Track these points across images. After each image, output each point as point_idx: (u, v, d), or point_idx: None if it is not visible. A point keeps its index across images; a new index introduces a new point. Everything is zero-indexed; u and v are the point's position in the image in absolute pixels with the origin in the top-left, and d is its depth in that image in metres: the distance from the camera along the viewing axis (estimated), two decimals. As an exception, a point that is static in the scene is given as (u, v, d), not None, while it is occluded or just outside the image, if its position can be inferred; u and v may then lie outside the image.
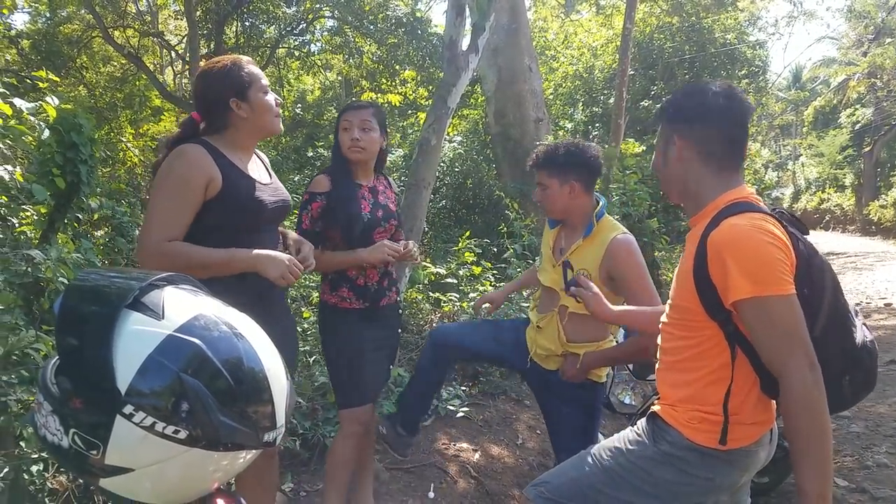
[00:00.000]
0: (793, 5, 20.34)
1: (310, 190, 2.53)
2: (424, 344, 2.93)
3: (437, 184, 8.80)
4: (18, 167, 3.63)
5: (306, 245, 2.22)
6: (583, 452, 1.91)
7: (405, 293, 4.87)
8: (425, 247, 7.74)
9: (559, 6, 18.37)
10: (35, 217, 3.86)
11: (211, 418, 0.89)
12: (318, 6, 12.20)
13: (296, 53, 14.00)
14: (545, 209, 2.55)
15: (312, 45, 13.96)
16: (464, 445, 3.68)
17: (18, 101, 3.19)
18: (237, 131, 2.03)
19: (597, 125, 12.74)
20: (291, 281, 1.92)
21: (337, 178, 2.54)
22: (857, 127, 25.04)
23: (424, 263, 5.83)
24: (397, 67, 12.65)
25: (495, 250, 6.91)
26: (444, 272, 5.88)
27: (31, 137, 3.43)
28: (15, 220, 3.78)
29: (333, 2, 11.83)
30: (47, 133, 3.42)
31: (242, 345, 0.95)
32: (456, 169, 9.17)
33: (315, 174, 2.65)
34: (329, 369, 2.69)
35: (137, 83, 13.55)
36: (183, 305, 0.95)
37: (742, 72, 14.99)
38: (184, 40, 14.00)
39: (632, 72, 12.49)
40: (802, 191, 32.58)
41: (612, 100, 10.42)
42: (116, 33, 12.98)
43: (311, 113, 13.93)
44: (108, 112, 12.99)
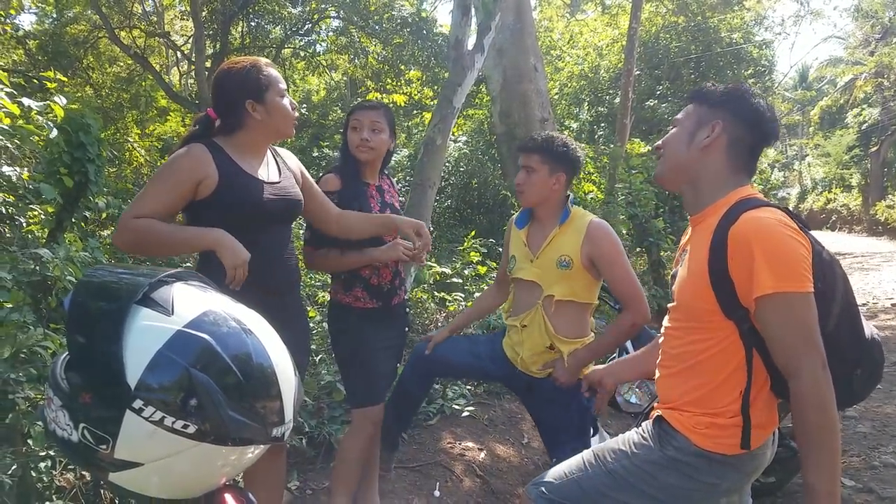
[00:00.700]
0: (799, 4, 20.34)
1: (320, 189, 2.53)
2: (407, 361, 2.92)
3: (443, 184, 8.81)
4: (26, 167, 3.66)
5: (423, 227, 2.36)
6: (585, 453, 1.89)
7: (410, 293, 4.88)
8: (431, 246, 7.74)
9: (564, 6, 18.37)
10: (43, 216, 3.88)
11: (220, 413, 0.89)
12: (324, 6, 12.24)
13: (301, 54, 14.03)
14: (523, 193, 2.54)
15: (318, 46, 14.01)
16: (469, 444, 3.68)
17: (27, 101, 3.21)
18: (249, 132, 2.04)
19: (602, 125, 12.74)
20: (236, 280, 1.86)
21: (347, 177, 2.55)
22: (864, 127, 24.95)
23: (429, 263, 5.84)
24: (402, 67, 12.67)
25: (500, 250, 6.89)
26: (450, 272, 5.88)
27: (39, 137, 3.45)
28: (23, 220, 3.80)
29: (339, 2, 11.86)
30: (55, 133, 3.44)
31: (251, 340, 0.95)
32: (461, 169, 9.18)
33: (320, 174, 2.64)
34: (341, 369, 2.69)
35: (143, 83, 13.61)
36: (192, 301, 0.96)
37: (748, 71, 14.97)
38: (190, 41, 14.07)
39: (637, 71, 12.48)
40: (809, 191, 32.46)
41: (618, 99, 10.42)
42: (123, 34, 13.03)
43: (317, 113, 13.96)
44: (115, 112, 13.05)
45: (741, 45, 14.73)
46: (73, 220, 4.02)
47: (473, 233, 6.63)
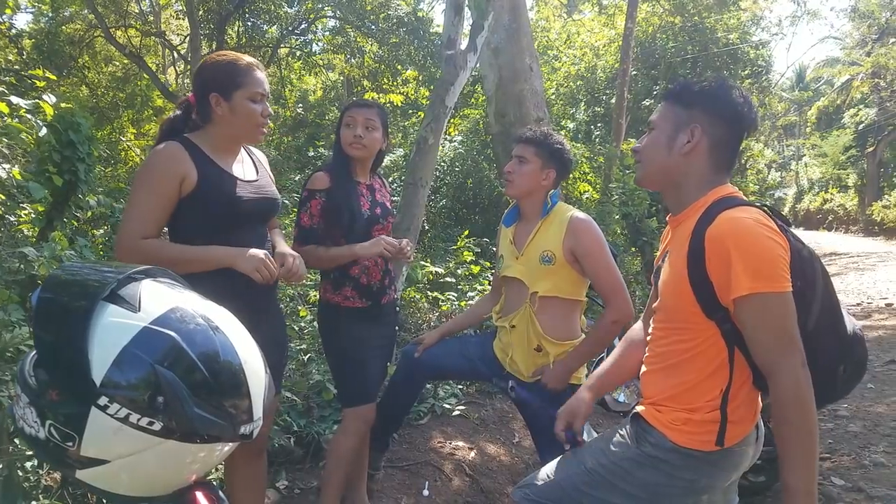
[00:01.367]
0: (796, 5, 20.40)
1: (308, 187, 2.51)
2: (398, 363, 2.92)
3: (438, 183, 8.80)
4: (16, 166, 3.65)
5: (289, 258, 2.09)
6: (567, 453, 1.89)
7: (403, 292, 4.88)
8: (425, 246, 7.74)
9: (561, 6, 18.37)
10: (33, 215, 3.88)
11: (186, 410, 0.89)
12: (320, 6, 12.23)
13: (297, 53, 14.03)
14: (512, 183, 2.54)
15: (314, 45, 14.01)
16: (459, 444, 3.68)
17: (15, 99, 3.20)
18: (217, 128, 2.02)
19: (598, 125, 12.75)
20: (267, 276, 1.89)
21: (337, 175, 2.52)
22: (861, 127, 25.00)
23: (422, 262, 5.84)
24: (399, 67, 12.67)
25: (494, 249, 6.89)
26: (443, 271, 5.88)
27: (29, 136, 3.45)
28: (13, 218, 3.80)
29: (335, 1, 11.86)
30: (44, 131, 3.43)
31: (219, 338, 0.95)
32: (456, 168, 9.16)
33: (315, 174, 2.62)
34: (332, 368, 2.68)
35: (139, 83, 13.60)
36: (160, 298, 0.96)
37: (745, 72, 14.97)
38: (186, 40, 14.05)
39: (634, 72, 12.49)
40: (805, 191, 32.55)
41: (614, 100, 10.41)
42: (118, 33, 13.03)
43: (313, 113, 13.95)
44: (110, 112, 13.05)
45: (738, 46, 14.73)
46: (64, 220, 4.01)
47: (467, 232, 6.63)
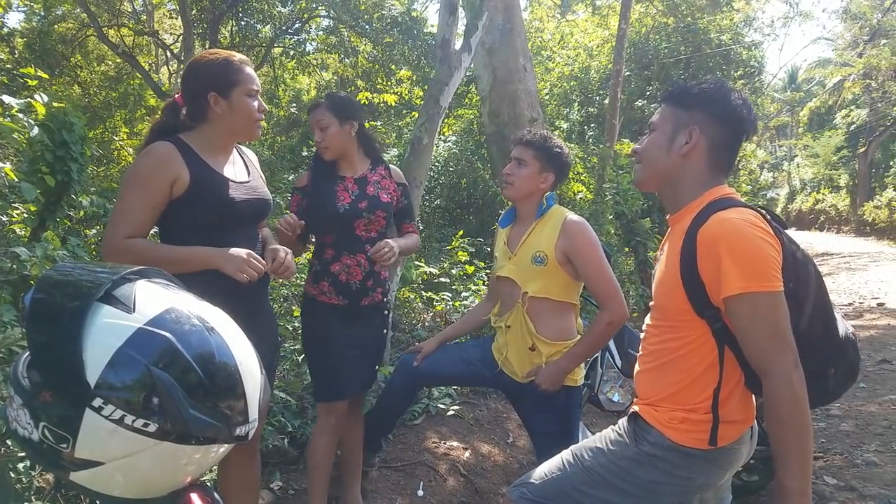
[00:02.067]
0: (788, 6, 20.39)
1: (293, 186, 2.62)
2: (394, 370, 2.92)
3: (432, 183, 8.80)
4: (8, 165, 3.62)
5: (280, 252, 2.06)
6: (564, 452, 1.90)
7: (397, 292, 4.86)
8: (419, 245, 7.73)
9: (555, 6, 18.39)
10: (25, 215, 3.85)
11: (181, 412, 0.89)
12: (314, 6, 12.21)
13: (291, 53, 14.00)
14: (511, 185, 2.55)
15: (308, 45, 13.98)
16: (454, 444, 3.68)
17: (7, 98, 3.18)
18: (213, 127, 2.01)
19: (592, 125, 12.77)
20: (252, 275, 1.88)
21: (315, 173, 2.61)
22: (852, 128, 25.15)
23: (417, 262, 5.83)
24: (393, 67, 12.65)
25: (488, 249, 6.91)
26: (437, 271, 5.88)
27: (21, 136, 3.42)
28: (5, 219, 3.77)
29: (329, 1, 11.84)
30: (36, 131, 3.41)
31: (214, 339, 0.94)
32: (451, 168, 9.16)
33: None
34: (307, 361, 2.71)
35: (132, 82, 13.55)
36: (154, 299, 0.95)
37: (738, 72, 15.02)
38: (179, 39, 13.99)
39: (627, 72, 12.52)
40: (797, 191, 32.70)
41: (608, 100, 10.43)
42: (111, 32, 12.96)
43: (307, 113, 13.91)
44: (103, 111, 12.99)
45: (730, 47, 14.77)
46: (57, 220, 3.99)
47: (461, 232, 6.63)
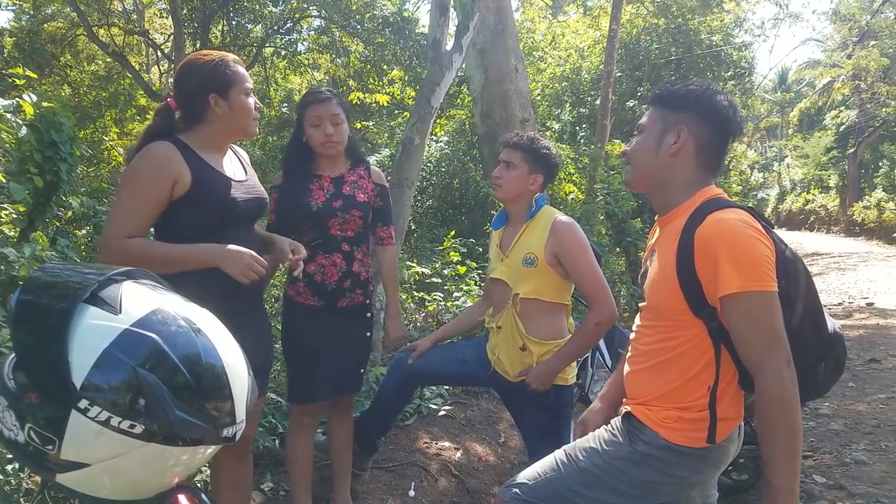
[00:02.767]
0: (778, 7, 20.51)
1: (271, 185, 2.56)
2: (388, 369, 2.92)
3: (424, 184, 8.79)
4: (-3, 165, 3.60)
5: (301, 248, 2.15)
6: (557, 452, 1.90)
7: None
8: (411, 246, 7.73)
9: (546, 7, 18.43)
10: (14, 216, 3.82)
11: (167, 413, 0.88)
12: (305, 5, 12.18)
13: (282, 52, 13.96)
14: (500, 187, 2.56)
15: (299, 45, 13.94)
16: (445, 444, 3.68)
17: (-5, 98, 3.16)
18: (212, 128, 2.00)
19: (583, 126, 12.78)
20: (253, 277, 1.88)
21: (290, 170, 2.54)
22: (842, 128, 25.30)
23: (409, 263, 5.84)
24: (384, 67, 12.64)
25: (480, 250, 6.92)
26: (429, 272, 5.88)
27: (10, 136, 3.40)
28: (-7, 219, 3.74)
29: (320, 1, 11.81)
30: (25, 131, 3.39)
31: (201, 340, 0.94)
32: (443, 169, 9.16)
33: None
34: (286, 362, 2.68)
35: (122, 82, 13.47)
36: (141, 300, 0.95)
37: (728, 73, 15.09)
38: (169, 39, 13.93)
39: (618, 73, 12.55)
40: (788, 192, 32.87)
41: (599, 101, 10.46)
42: (101, 31, 12.89)
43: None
44: (93, 111, 12.91)
45: (721, 48, 14.84)
46: (46, 220, 3.96)
47: (453, 233, 6.63)
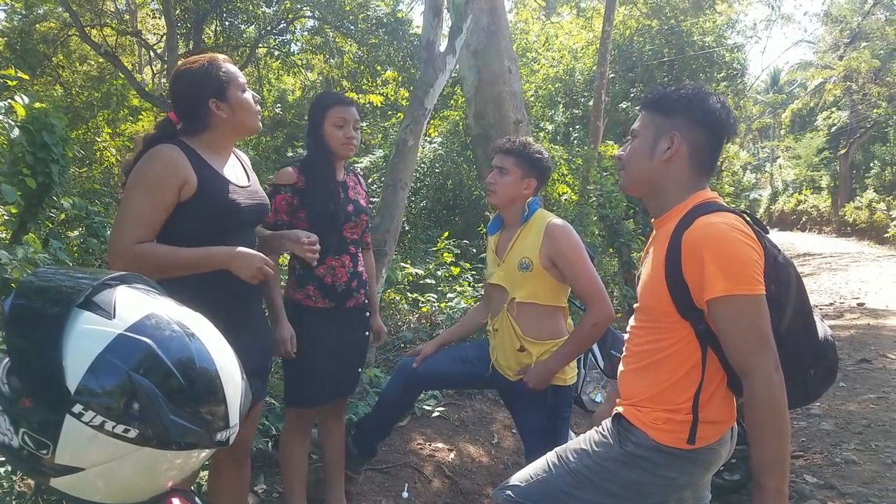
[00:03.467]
0: (771, 9, 20.64)
1: (274, 182, 2.49)
2: (392, 374, 2.93)
3: (418, 185, 8.80)
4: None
5: (313, 235, 2.16)
6: (549, 454, 1.91)
7: (383, 294, 4.86)
8: (405, 247, 7.74)
9: (539, 8, 18.47)
10: (6, 217, 3.81)
11: (161, 418, 0.89)
12: (298, 6, 12.16)
13: (276, 53, 13.93)
14: (494, 193, 2.58)
15: (293, 45, 13.90)
16: (439, 445, 3.68)
17: (-14, 100, 3.15)
18: (216, 132, 1.99)
19: (577, 127, 12.83)
20: (262, 279, 1.89)
21: (315, 171, 2.50)
22: (833, 129, 25.44)
23: (402, 264, 5.84)
24: (378, 68, 12.63)
25: (474, 251, 6.93)
26: (423, 273, 5.89)
27: (1, 137, 3.39)
28: (-15, 221, 3.73)
29: (313, 2, 11.80)
30: (17, 132, 3.38)
31: (194, 344, 0.95)
32: (436, 170, 9.17)
33: None
34: (283, 365, 2.65)
35: (115, 82, 13.38)
36: (135, 305, 0.95)
37: (720, 74, 15.17)
38: (162, 39, 13.89)
39: (611, 74, 12.59)
40: (780, 192, 33.06)
41: (592, 102, 10.49)
42: (94, 32, 12.82)
43: (292, 113, 13.86)
44: (85, 111, 12.84)
45: (713, 49, 14.92)
46: (38, 222, 3.95)
47: (447, 234, 6.64)
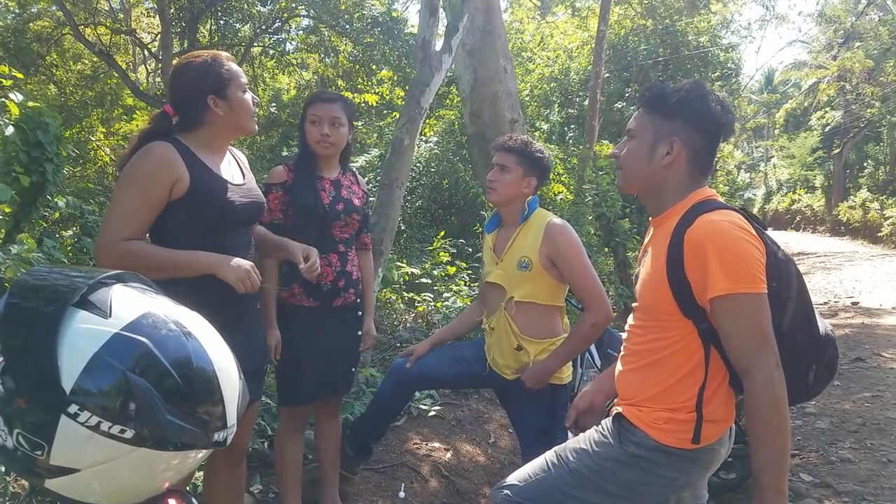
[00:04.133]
0: (765, 9, 20.69)
1: (266, 181, 2.51)
2: (385, 375, 2.93)
3: (414, 184, 8.79)
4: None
5: (313, 253, 2.14)
6: (548, 453, 1.90)
7: (378, 293, 4.86)
8: (401, 247, 7.73)
9: (535, 8, 18.48)
10: (0, 216, 3.79)
11: (158, 418, 0.88)
12: (293, 5, 12.12)
13: (271, 52, 13.88)
14: (494, 190, 2.57)
15: (288, 44, 13.85)
16: (435, 445, 3.68)
17: (-21, 99, 3.13)
18: (212, 129, 1.97)
19: (572, 126, 12.82)
20: (250, 288, 1.87)
21: (300, 170, 2.52)
22: (827, 129, 25.52)
23: (398, 263, 5.83)
24: (374, 67, 12.60)
25: (470, 250, 6.93)
26: (419, 272, 5.88)
27: (-5, 135, 3.37)
28: (-22, 220, 3.70)
29: (308, 1, 11.76)
30: (11, 130, 3.36)
31: (192, 344, 0.94)
32: (432, 169, 9.16)
33: None
34: (276, 363, 2.66)
35: (109, 81, 13.31)
36: (131, 304, 0.94)
37: (715, 74, 15.18)
38: (157, 38, 13.83)
39: (606, 74, 12.61)
40: (774, 192, 33.19)
41: (587, 101, 10.50)
42: (88, 31, 12.74)
43: (287, 112, 13.80)
44: (79, 110, 12.76)
45: (708, 49, 14.93)
46: (32, 221, 3.93)
47: (443, 233, 6.63)
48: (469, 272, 6.11)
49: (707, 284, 1.54)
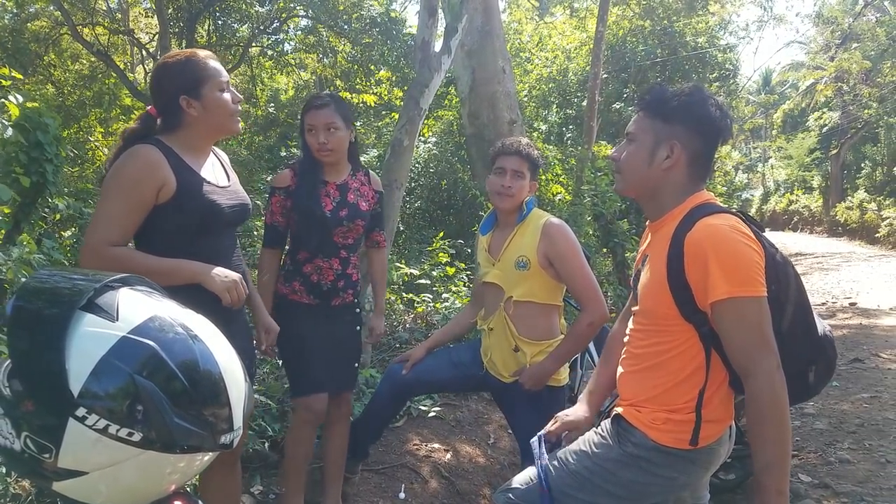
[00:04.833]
0: (763, 10, 20.74)
1: (271, 184, 2.55)
2: (380, 380, 2.94)
3: (413, 185, 8.80)
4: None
5: (272, 333, 2.32)
6: (549, 455, 1.92)
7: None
8: (400, 247, 7.73)
9: (533, 8, 18.49)
10: (0, 217, 3.79)
11: (165, 421, 0.88)
12: (292, 5, 12.11)
13: (269, 52, 13.87)
14: (512, 197, 2.53)
15: (286, 45, 13.84)
16: (435, 446, 3.68)
17: (-21, 100, 3.13)
18: (190, 130, 1.94)
19: (570, 127, 12.85)
20: (235, 299, 1.85)
21: (303, 174, 2.53)
22: (825, 130, 25.56)
23: (397, 264, 5.84)
24: (372, 67, 12.60)
25: (469, 251, 6.93)
26: (418, 273, 5.89)
27: (-6, 136, 3.37)
28: (-23, 221, 3.70)
29: (307, 1, 11.75)
30: (10, 131, 3.36)
31: (198, 347, 0.94)
32: (431, 170, 9.17)
33: None
34: (283, 361, 2.71)
35: (107, 81, 13.31)
36: (138, 307, 0.95)
37: (713, 75, 15.21)
38: (155, 38, 13.83)
39: (604, 74, 12.63)
40: (772, 192, 33.25)
41: (586, 102, 10.51)
42: (86, 31, 12.73)
43: (285, 112, 13.79)
44: (78, 111, 12.76)
45: (706, 50, 14.96)
46: (32, 222, 3.93)
47: (442, 234, 6.64)
48: (468, 273, 6.12)
49: (708, 289, 1.55)
